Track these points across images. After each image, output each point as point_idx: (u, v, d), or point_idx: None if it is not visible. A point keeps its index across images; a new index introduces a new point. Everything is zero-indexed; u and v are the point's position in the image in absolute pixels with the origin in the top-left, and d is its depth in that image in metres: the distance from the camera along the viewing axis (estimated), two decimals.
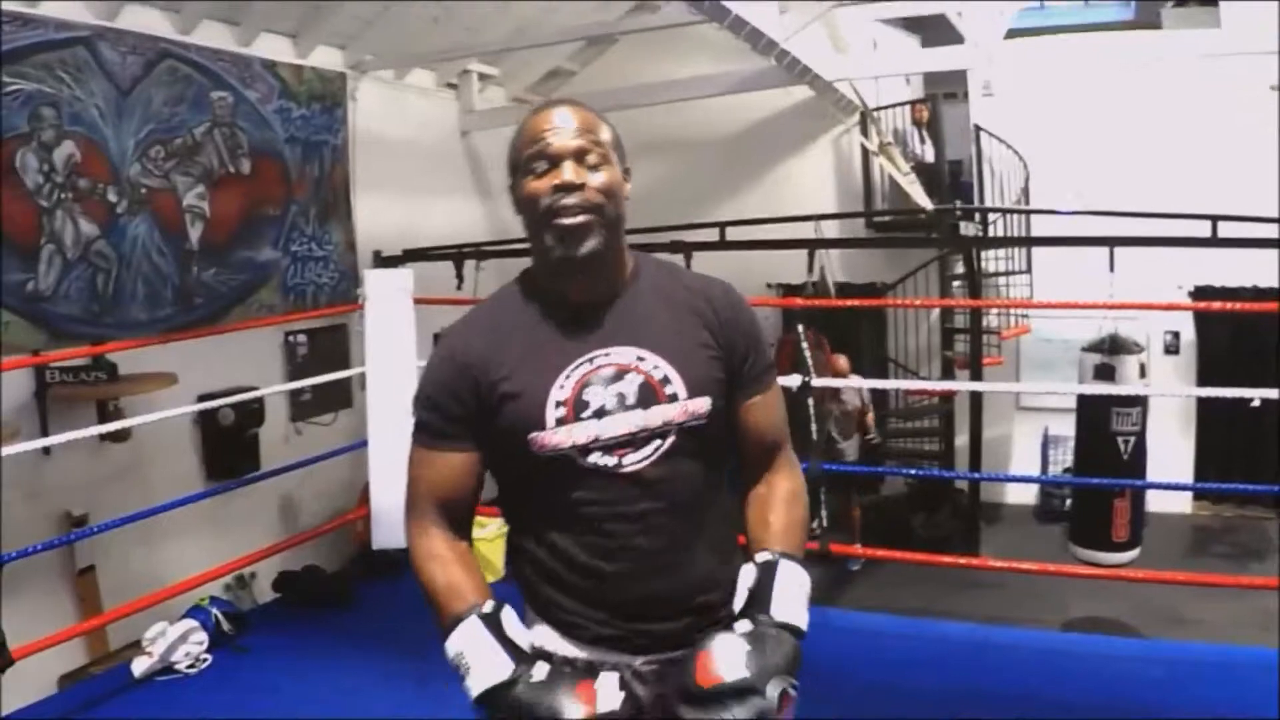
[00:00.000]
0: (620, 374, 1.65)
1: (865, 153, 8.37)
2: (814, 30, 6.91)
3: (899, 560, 5.79)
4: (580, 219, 1.61)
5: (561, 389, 1.64)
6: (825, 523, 5.12)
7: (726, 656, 1.49)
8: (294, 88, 6.57)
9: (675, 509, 1.66)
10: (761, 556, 1.68)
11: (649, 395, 1.64)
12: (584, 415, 1.63)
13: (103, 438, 5.01)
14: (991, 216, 8.19)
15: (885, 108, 8.30)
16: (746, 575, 1.66)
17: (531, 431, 1.63)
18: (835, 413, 6.74)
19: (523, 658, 1.55)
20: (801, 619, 1.61)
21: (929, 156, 8.30)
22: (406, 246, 6.83)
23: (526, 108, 8.93)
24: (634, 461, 1.64)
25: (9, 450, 4.35)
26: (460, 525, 1.76)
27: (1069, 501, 7.44)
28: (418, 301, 5.50)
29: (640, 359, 1.66)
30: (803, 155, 8.92)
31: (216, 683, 4.62)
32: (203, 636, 4.73)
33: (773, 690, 1.46)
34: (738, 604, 1.65)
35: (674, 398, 1.65)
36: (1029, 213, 8.10)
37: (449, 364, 1.72)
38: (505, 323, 1.73)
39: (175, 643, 4.60)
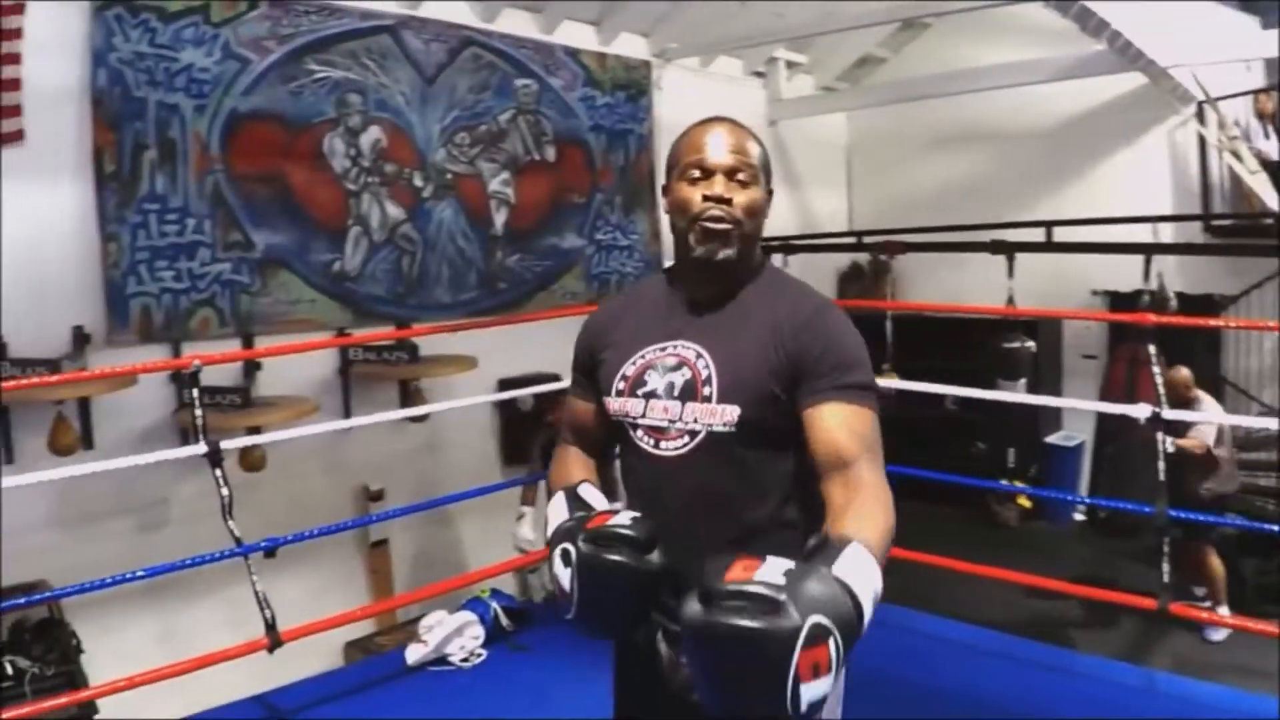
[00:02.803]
0: (679, 365, 1.71)
1: (1203, 148, 7.11)
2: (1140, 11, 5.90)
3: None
4: (723, 227, 1.68)
5: (632, 365, 1.76)
6: (1168, 578, 4.01)
7: (767, 566, 1.23)
8: (598, 75, 6.21)
9: (702, 503, 1.69)
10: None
11: (690, 390, 1.69)
12: (638, 392, 1.73)
13: None
14: None
15: (1223, 98, 7.02)
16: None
17: (605, 395, 1.79)
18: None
19: (580, 508, 1.67)
20: (863, 592, 1.27)
21: (1275, 153, 6.96)
22: None
23: (836, 96, 8.46)
24: (667, 449, 1.70)
25: (314, 429, 4.22)
26: (590, 449, 1.93)
27: None
28: None
29: (699, 356, 1.71)
30: (1132, 150, 7.41)
31: (488, 680, 4.26)
32: (479, 631, 4.38)
33: (805, 620, 1.15)
34: None
35: (708, 398, 1.67)
36: None
37: (583, 332, 1.93)
38: (631, 305, 1.89)
39: (451, 635, 4.28)
